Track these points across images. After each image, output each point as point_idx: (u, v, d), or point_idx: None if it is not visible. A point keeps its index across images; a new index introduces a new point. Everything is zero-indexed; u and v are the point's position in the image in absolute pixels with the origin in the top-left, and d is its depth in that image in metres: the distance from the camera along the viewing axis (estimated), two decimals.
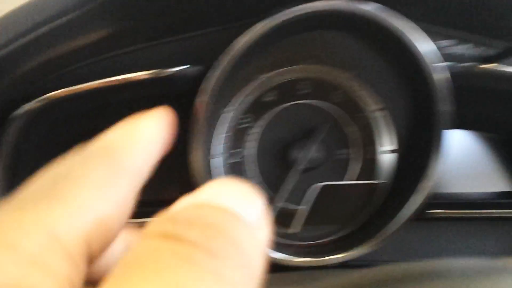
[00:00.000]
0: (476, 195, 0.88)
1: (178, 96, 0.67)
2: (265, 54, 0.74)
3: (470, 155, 0.93)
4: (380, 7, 0.65)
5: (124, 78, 0.66)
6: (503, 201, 0.83)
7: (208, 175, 0.69)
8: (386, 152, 0.80)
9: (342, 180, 0.80)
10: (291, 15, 0.63)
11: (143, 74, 0.66)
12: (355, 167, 0.79)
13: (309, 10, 0.66)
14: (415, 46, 0.66)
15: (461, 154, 0.93)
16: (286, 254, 0.72)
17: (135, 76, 0.66)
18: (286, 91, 0.77)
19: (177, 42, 0.65)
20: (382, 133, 0.79)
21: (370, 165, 0.80)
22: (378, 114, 0.78)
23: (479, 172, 0.91)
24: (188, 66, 0.66)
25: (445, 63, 0.68)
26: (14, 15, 0.67)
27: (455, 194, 0.88)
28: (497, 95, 0.73)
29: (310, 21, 0.65)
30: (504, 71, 0.68)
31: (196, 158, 0.68)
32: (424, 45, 0.66)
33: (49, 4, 0.65)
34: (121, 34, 0.64)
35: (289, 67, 0.77)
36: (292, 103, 0.78)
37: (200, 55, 0.66)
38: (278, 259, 0.72)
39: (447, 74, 0.68)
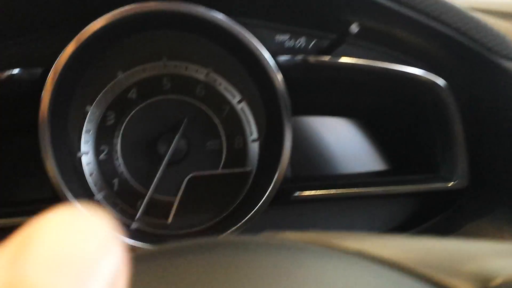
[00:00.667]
0: (346, 176, 0.92)
1: (24, 99, 0.69)
2: (119, 51, 0.77)
3: (344, 140, 0.97)
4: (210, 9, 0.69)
5: None
6: (368, 180, 0.88)
7: (61, 175, 0.70)
8: (256, 140, 0.83)
9: (214, 169, 0.83)
10: (118, 16, 0.66)
11: None
12: (226, 156, 0.83)
13: (155, 8, 0.69)
14: (251, 43, 0.70)
15: (336, 140, 0.97)
16: (147, 242, 0.74)
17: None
18: (147, 87, 0.80)
19: (14, 45, 0.67)
20: (247, 123, 0.82)
21: (239, 154, 0.83)
22: (240, 106, 0.81)
23: (349, 155, 0.96)
24: (26, 68, 0.68)
25: (282, 57, 0.72)
26: None
27: (326, 176, 0.92)
28: (335, 83, 0.78)
29: (147, 20, 0.68)
30: (334, 62, 0.73)
31: (47, 157, 0.69)
32: (261, 42, 0.70)
33: None
34: None
35: (148, 64, 0.79)
36: (154, 99, 0.80)
37: (40, 57, 0.68)
38: (134, 246, 0.73)
39: (286, 67, 0.72)
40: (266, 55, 0.70)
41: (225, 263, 0.27)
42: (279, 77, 0.71)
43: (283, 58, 0.72)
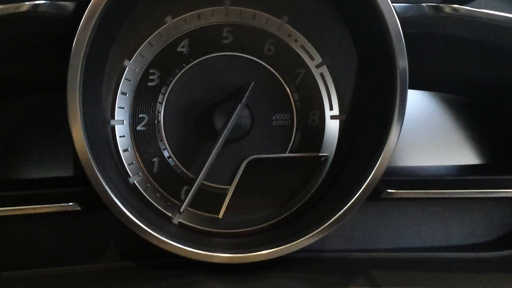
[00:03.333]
0: (440, 170, 0.73)
1: (48, 43, 0.51)
2: None
3: (432, 120, 0.78)
4: None
5: None
6: (469, 178, 0.69)
7: (90, 148, 0.52)
8: (332, 118, 0.64)
9: (280, 152, 0.64)
10: None
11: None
12: (297, 136, 0.64)
13: None
14: None
15: (421, 120, 0.78)
16: (204, 248, 0.56)
17: None
18: (203, 40, 0.60)
19: None
20: (327, 94, 0.63)
21: (314, 134, 0.65)
22: (319, 71, 0.62)
23: (443, 140, 0.77)
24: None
25: (403, 4, 0.52)
26: None
27: (415, 168, 0.73)
28: (462, 46, 0.59)
29: None
30: (474, 13, 0.53)
31: (75, 123, 0.50)
32: None
33: None
34: None
35: (205, 9, 0.60)
36: (210, 55, 0.61)
37: None
38: (195, 253, 0.56)
39: (405, 17, 0.52)
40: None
41: None
42: (399, 29, 0.51)
43: (401, 5, 0.52)
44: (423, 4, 0.54)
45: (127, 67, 0.60)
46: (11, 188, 0.63)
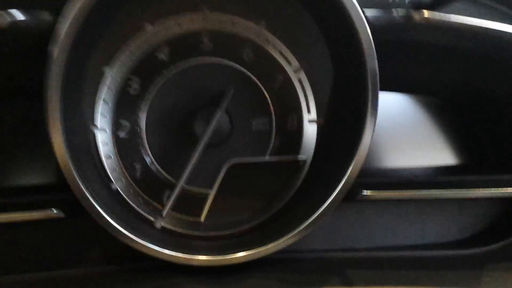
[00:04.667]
0: (415, 171, 0.75)
1: (28, 52, 0.51)
2: None
3: (407, 122, 0.80)
4: None
5: None
6: (443, 179, 0.71)
7: (71, 155, 0.52)
8: (310, 122, 0.66)
9: (259, 156, 0.65)
10: None
11: None
12: (276, 140, 0.65)
13: None
14: None
15: (396, 121, 0.80)
16: (183, 251, 0.57)
17: None
18: (183, 47, 0.61)
19: None
20: (305, 99, 0.65)
21: (292, 138, 0.66)
22: (297, 76, 0.64)
23: (418, 141, 0.79)
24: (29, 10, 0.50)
25: (370, 11, 0.54)
26: None
27: (391, 169, 0.75)
28: (427, 49, 0.60)
29: None
30: (448, 21, 0.54)
31: (55, 130, 0.51)
32: None
33: None
34: None
35: (184, 16, 0.61)
36: (190, 62, 0.62)
37: None
38: (174, 256, 0.57)
39: (376, 24, 0.54)
40: (353, 2, 0.52)
41: None
42: (369, 36, 0.53)
43: (373, 13, 0.54)
44: (394, 12, 0.55)
45: (107, 74, 0.61)
46: None
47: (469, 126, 0.78)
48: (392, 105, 0.79)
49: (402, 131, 0.79)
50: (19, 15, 0.51)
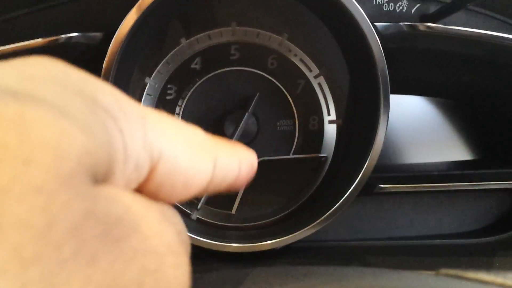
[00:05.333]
0: (430, 166, 0.81)
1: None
2: (183, 16, 0.66)
3: (422, 122, 0.86)
4: None
5: (15, 47, 0.57)
6: (457, 172, 0.76)
7: None
8: (329, 123, 0.72)
9: (284, 154, 0.72)
10: None
11: (36, 42, 0.57)
12: (299, 139, 0.72)
13: None
14: (350, 3, 0.59)
15: (412, 121, 0.86)
16: (217, 240, 0.64)
17: (28, 44, 0.57)
18: (213, 57, 0.69)
19: (68, 6, 0.57)
20: (325, 101, 0.71)
21: (314, 137, 0.73)
22: (317, 81, 0.70)
23: (433, 139, 0.84)
24: (85, 32, 0.58)
25: (380, 24, 0.60)
26: None
27: (407, 165, 0.81)
28: (437, 56, 0.66)
29: None
30: (449, 31, 0.61)
31: None
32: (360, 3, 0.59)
33: None
34: None
35: (214, 30, 0.68)
36: (220, 70, 0.69)
37: (98, 20, 0.58)
38: (210, 243, 0.64)
39: (385, 34, 0.60)
40: (364, 17, 0.58)
41: None
42: (378, 45, 0.59)
43: (381, 24, 0.60)
44: (401, 24, 0.62)
45: (148, 84, 0.69)
46: None
47: (479, 124, 0.83)
48: (406, 107, 0.84)
49: (417, 130, 0.84)
50: (74, 33, 0.59)
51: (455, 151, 0.84)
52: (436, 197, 0.76)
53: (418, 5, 0.61)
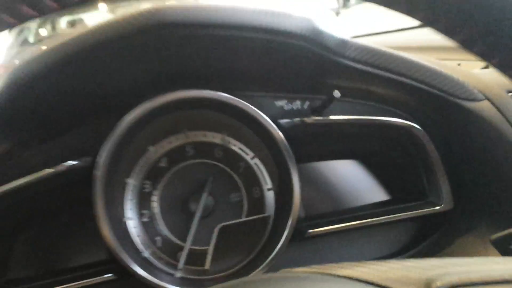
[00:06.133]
0: (354, 209, 1.07)
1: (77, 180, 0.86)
2: (149, 128, 0.93)
3: (348, 178, 1.12)
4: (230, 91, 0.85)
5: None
6: (373, 211, 1.02)
7: (115, 238, 0.86)
8: (268, 190, 0.98)
9: (238, 219, 0.97)
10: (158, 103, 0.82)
11: (48, 171, 0.83)
12: (247, 206, 0.97)
13: (176, 97, 0.85)
14: (255, 113, 0.87)
15: (341, 179, 1.12)
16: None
17: (45, 173, 0.83)
18: (175, 155, 0.95)
19: (66, 138, 0.84)
20: (262, 175, 0.97)
21: (258, 203, 0.98)
22: (253, 162, 0.97)
23: (356, 190, 1.10)
24: (80, 157, 0.85)
25: (283, 120, 0.88)
26: None
27: (337, 211, 1.06)
28: (331, 134, 0.94)
29: (178, 103, 0.85)
30: (326, 120, 0.88)
31: (103, 224, 0.85)
32: (264, 108, 0.87)
33: None
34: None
35: (172, 136, 0.95)
36: (181, 164, 0.95)
37: (88, 146, 0.85)
38: None
39: (287, 128, 0.88)
40: (266, 119, 0.86)
41: None
42: (280, 135, 0.86)
43: (284, 121, 0.88)
44: (295, 119, 0.89)
45: (129, 183, 0.95)
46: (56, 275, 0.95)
47: (385, 175, 1.10)
48: (331, 169, 1.11)
49: (341, 185, 1.11)
50: (73, 162, 0.85)
51: (372, 196, 1.09)
52: (357, 233, 1.01)
53: (307, 102, 0.88)
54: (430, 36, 0.60)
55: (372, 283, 0.39)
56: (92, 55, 0.69)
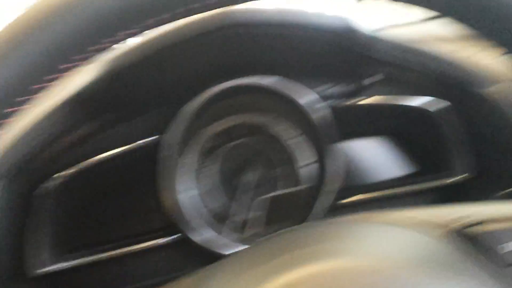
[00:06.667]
0: (384, 181, 1.19)
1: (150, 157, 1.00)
2: (210, 111, 1.07)
3: (378, 154, 1.24)
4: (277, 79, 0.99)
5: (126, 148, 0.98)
6: (406, 181, 1.13)
7: (178, 208, 1.00)
8: (310, 164, 1.12)
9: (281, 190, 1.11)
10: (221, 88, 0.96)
11: (123, 148, 0.97)
12: (293, 179, 1.09)
13: (234, 84, 0.99)
14: (299, 97, 1.00)
15: (372, 155, 1.24)
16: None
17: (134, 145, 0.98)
18: (228, 135, 1.08)
19: (138, 120, 0.98)
20: (304, 152, 1.11)
21: (301, 176, 1.11)
22: (297, 140, 1.10)
23: (381, 164, 1.22)
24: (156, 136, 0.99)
25: (321, 104, 1.02)
26: None
27: (367, 184, 1.19)
28: (365, 116, 1.07)
29: (235, 90, 0.99)
30: (359, 103, 1.02)
31: (166, 195, 0.99)
32: (306, 97, 1.00)
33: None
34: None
35: (227, 118, 1.08)
36: (233, 143, 1.09)
37: (155, 128, 0.99)
38: None
39: (325, 110, 1.02)
40: (308, 102, 1.00)
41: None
42: (318, 117, 1.00)
43: (323, 104, 1.01)
44: (334, 103, 1.03)
45: (187, 159, 1.09)
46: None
47: (413, 150, 1.22)
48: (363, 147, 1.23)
49: (372, 161, 1.23)
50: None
51: (399, 169, 1.22)
52: (388, 201, 1.13)
53: (342, 88, 1.02)
54: (445, 26, 0.65)
55: (410, 223, 0.51)
56: (178, 48, 0.83)
